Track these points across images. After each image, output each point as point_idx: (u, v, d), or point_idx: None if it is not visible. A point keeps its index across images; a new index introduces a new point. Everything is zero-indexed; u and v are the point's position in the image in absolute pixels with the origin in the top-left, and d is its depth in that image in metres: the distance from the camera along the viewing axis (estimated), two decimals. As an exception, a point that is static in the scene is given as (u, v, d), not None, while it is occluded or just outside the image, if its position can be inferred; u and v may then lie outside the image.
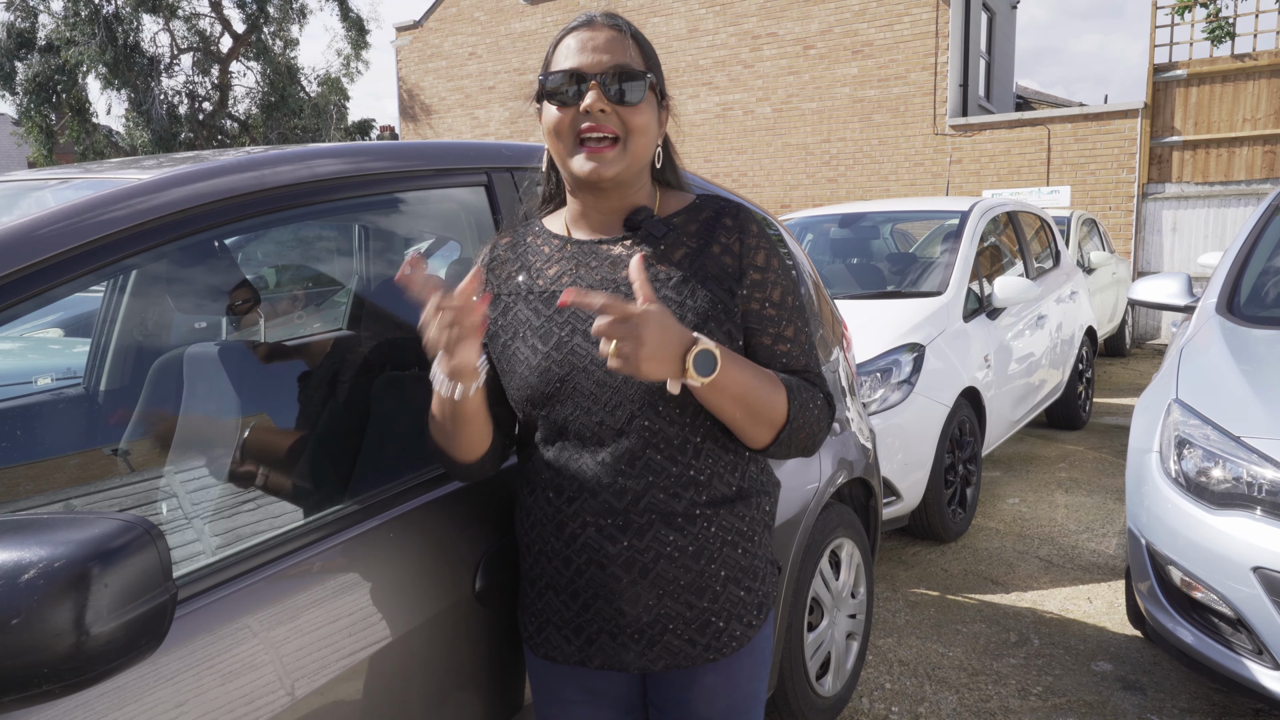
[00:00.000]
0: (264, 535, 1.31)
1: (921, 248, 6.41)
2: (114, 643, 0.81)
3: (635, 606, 1.31)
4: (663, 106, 1.36)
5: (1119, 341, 10.05)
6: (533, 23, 16.58)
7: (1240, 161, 11.49)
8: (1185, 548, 2.51)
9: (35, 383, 2.57)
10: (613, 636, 1.34)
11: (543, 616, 1.39)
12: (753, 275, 1.33)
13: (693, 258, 1.33)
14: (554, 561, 1.35)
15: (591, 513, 1.30)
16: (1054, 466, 5.69)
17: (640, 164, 1.32)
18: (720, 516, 1.33)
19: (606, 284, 1.32)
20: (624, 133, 1.27)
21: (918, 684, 3.05)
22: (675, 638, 1.33)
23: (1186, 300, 3.58)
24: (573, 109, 1.27)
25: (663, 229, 1.34)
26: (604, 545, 1.30)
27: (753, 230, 1.35)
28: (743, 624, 1.36)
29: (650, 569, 1.30)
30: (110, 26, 18.85)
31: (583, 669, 1.39)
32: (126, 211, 1.22)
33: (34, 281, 1.10)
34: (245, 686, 1.16)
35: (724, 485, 1.34)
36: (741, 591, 1.36)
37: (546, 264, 1.37)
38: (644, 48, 1.33)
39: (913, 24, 13.02)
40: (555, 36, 1.34)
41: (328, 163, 1.52)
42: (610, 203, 1.35)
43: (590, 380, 1.28)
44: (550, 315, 1.32)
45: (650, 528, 1.29)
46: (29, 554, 0.78)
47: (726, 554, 1.34)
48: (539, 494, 1.36)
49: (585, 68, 1.26)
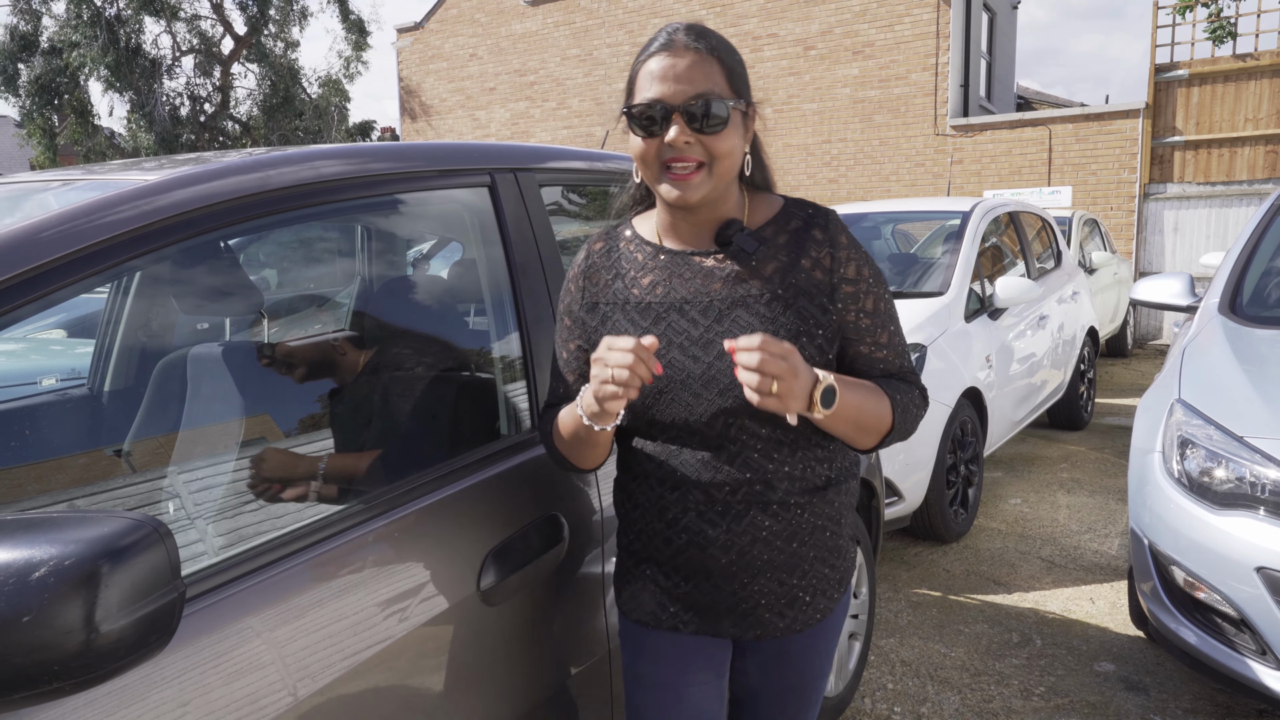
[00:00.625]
0: (268, 535, 1.32)
1: (923, 248, 6.41)
2: (123, 640, 0.82)
3: (731, 584, 1.39)
4: (748, 115, 1.36)
5: (1120, 342, 10.05)
6: (533, 24, 16.59)
7: (1242, 161, 11.49)
8: (1188, 548, 2.51)
9: (40, 383, 2.57)
10: (708, 609, 1.42)
11: (638, 583, 1.46)
12: (845, 289, 1.37)
13: (784, 272, 1.35)
14: (655, 541, 1.42)
15: (692, 501, 1.37)
16: (1056, 467, 5.69)
17: (726, 182, 1.34)
18: (813, 504, 1.40)
19: (700, 296, 1.36)
20: (709, 159, 1.29)
21: (920, 684, 3.05)
22: (766, 611, 1.41)
23: (1189, 300, 3.58)
24: (658, 140, 1.28)
25: (754, 244, 1.36)
26: (704, 529, 1.37)
27: (843, 242, 1.38)
28: (826, 598, 1.45)
29: (747, 551, 1.37)
30: (112, 29, 18.88)
31: (676, 633, 1.46)
32: (132, 213, 1.22)
33: (38, 284, 1.10)
34: (249, 686, 1.17)
35: (816, 477, 1.40)
36: (826, 569, 1.44)
37: (641, 272, 1.40)
38: (726, 64, 1.30)
39: (913, 24, 13.02)
40: (638, 56, 1.33)
41: (332, 164, 1.52)
42: (700, 216, 1.37)
43: (687, 391, 1.33)
44: (646, 327, 1.37)
45: (747, 514, 1.36)
46: (40, 552, 0.79)
47: (817, 537, 1.41)
48: (641, 481, 1.42)
49: (668, 98, 1.26)
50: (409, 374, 1.74)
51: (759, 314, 1.33)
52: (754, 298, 1.34)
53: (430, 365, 1.79)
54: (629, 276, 1.41)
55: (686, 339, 1.34)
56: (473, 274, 1.89)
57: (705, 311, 1.35)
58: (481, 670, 1.50)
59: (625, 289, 1.40)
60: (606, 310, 1.41)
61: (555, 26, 16.34)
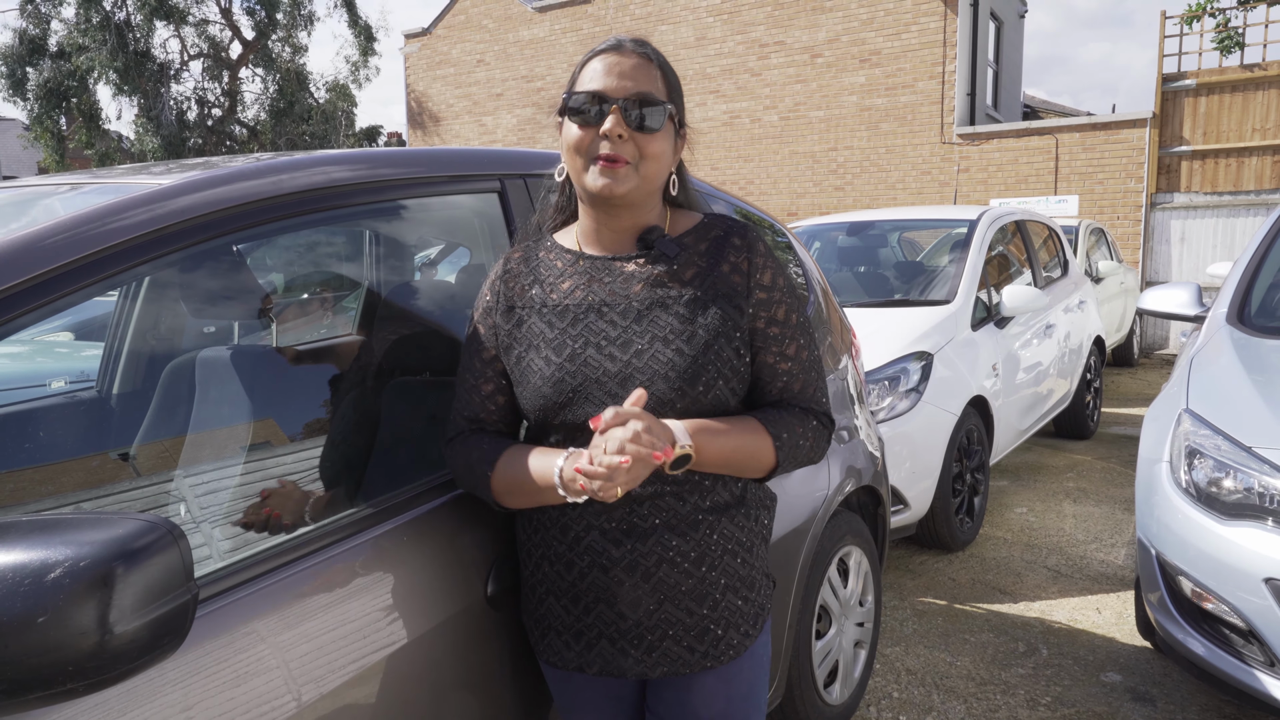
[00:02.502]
0: (275, 540, 1.32)
1: (929, 256, 6.41)
2: (137, 641, 0.82)
3: (636, 610, 1.34)
4: (680, 135, 1.39)
5: (1127, 351, 10.03)
6: (541, 30, 16.64)
7: (1249, 171, 11.47)
8: (1196, 558, 2.50)
9: (49, 386, 2.58)
10: (612, 641, 1.36)
11: (544, 622, 1.42)
12: (759, 294, 1.37)
13: (703, 276, 1.36)
14: (556, 565, 1.37)
15: (596, 515, 1.33)
16: (1062, 476, 5.68)
17: (651, 187, 1.35)
18: (721, 524, 1.37)
19: (619, 298, 1.36)
20: (637, 159, 1.31)
21: (925, 693, 3.04)
22: (674, 644, 1.36)
23: (1196, 310, 3.57)
24: (593, 130, 1.30)
25: (674, 249, 1.37)
26: (608, 548, 1.33)
27: (760, 249, 1.39)
28: (739, 633, 1.39)
29: (653, 573, 1.33)
30: (121, 33, 18.98)
31: (583, 674, 1.41)
32: (141, 218, 1.22)
33: (42, 291, 1.09)
34: (256, 690, 1.17)
35: (726, 491, 1.38)
36: (739, 601, 1.39)
37: (560, 278, 1.40)
38: (669, 77, 1.36)
39: (920, 33, 13.04)
40: (584, 56, 1.37)
41: (341, 169, 1.52)
42: (622, 221, 1.38)
43: (601, 390, 1.31)
44: (564, 328, 1.36)
45: (654, 532, 1.33)
46: (55, 553, 0.79)
47: (727, 562, 1.37)
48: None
49: (609, 91, 1.30)
50: (417, 378, 1.75)
51: (678, 314, 1.33)
52: (673, 299, 1.34)
53: (438, 370, 1.79)
54: (548, 282, 1.40)
55: (604, 339, 1.33)
56: (481, 278, 1.89)
57: (624, 313, 1.34)
58: (488, 675, 1.50)
59: (544, 294, 1.39)
60: (523, 313, 1.40)
61: (563, 33, 16.39)
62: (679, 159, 1.43)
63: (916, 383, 4.07)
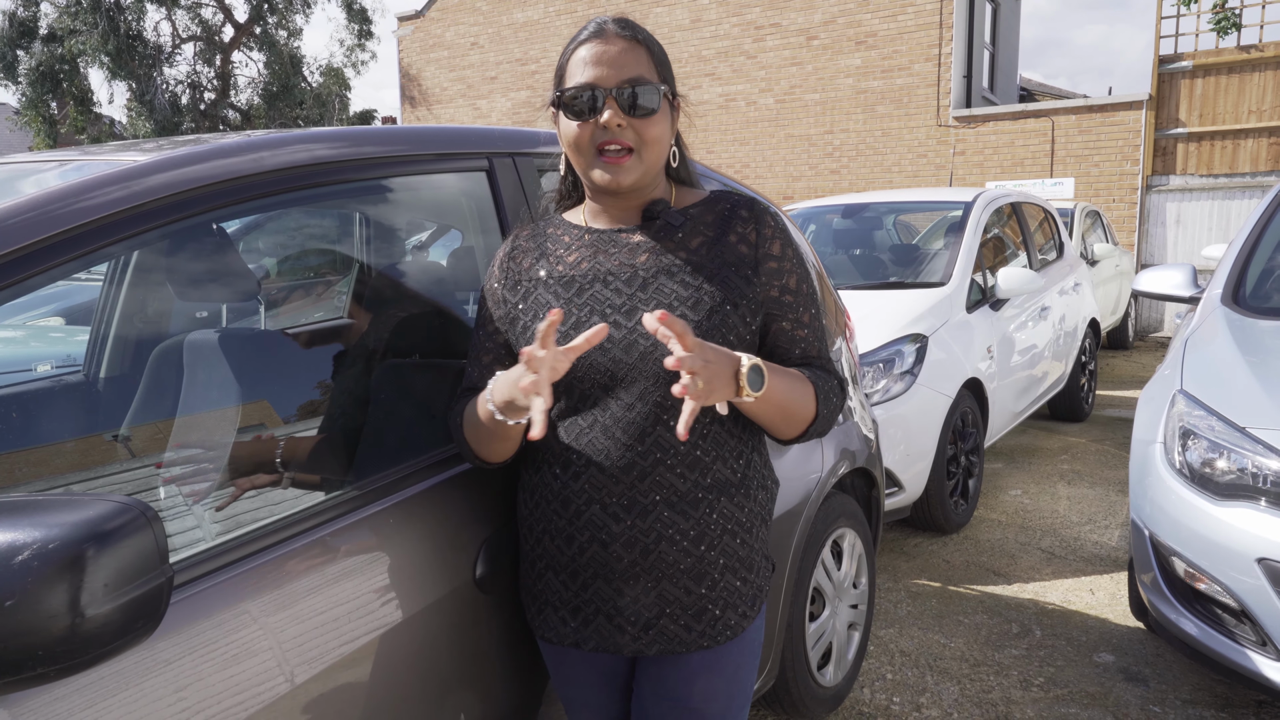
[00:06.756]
0: (263, 521, 1.31)
1: (925, 239, 6.39)
2: (109, 625, 0.80)
3: (634, 587, 1.34)
4: (674, 108, 1.39)
5: (1122, 334, 10.03)
6: (535, 13, 16.52)
7: (1245, 154, 11.44)
8: (1189, 539, 2.50)
9: (35, 369, 2.56)
10: (609, 618, 1.36)
11: (542, 597, 1.42)
12: (769, 264, 1.37)
13: (709, 246, 1.37)
14: (556, 540, 1.37)
15: (597, 489, 1.32)
16: (1056, 458, 5.68)
17: (655, 169, 1.36)
18: (722, 504, 1.36)
19: (624, 268, 1.36)
20: (639, 144, 1.31)
21: (919, 674, 3.05)
22: (671, 622, 1.35)
23: (1191, 291, 3.57)
24: (590, 123, 1.30)
25: (680, 219, 1.38)
26: (608, 523, 1.33)
27: (768, 221, 1.39)
28: (737, 614, 1.39)
29: (651, 550, 1.33)
30: (112, 16, 18.81)
31: (579, 650, 1.42)
32: (116, 195, 1.19)
33: (10, 270, 1.06)
34: (244, 672, 1.16)
35: (728, 469, 1.37)
36: (738, 582, 1.39)
37: (567, 251, 1.41)
38: (655, 54, 1.35)
39: (916, 14, 12.96)
40: (568, 45, 1.35)
41: (324, 146, 1.50)
42: (628, 200, 1.39)
43: (607, 357, 1.31)
44: (569, 298, 1.36)
45: (654, 509, 1.32)
46: (23, 535, 0.77)
47: (726, 542, 1.37)
48: (545, 471, 1.38)
49: (601, 81, 1.29)
50: (406, 360, 1.73)
51: (684, 282, 1.33)
52: (679, 267, 1.34)
53: (427, 352, 1.77)
54: (554, 256, 1.41)
55: (609, 306, 1.33)
56: (471, 260, 1.88)
57: (629, 281, 1.34)
58: (477, 658, 1.49)
59: (550, 267, 1.40)
60: (529, 286, 1.40)
61: (557, 15, 16.27)
62: (675, 131, 1.42)
63: (911, 365, 4.06)
